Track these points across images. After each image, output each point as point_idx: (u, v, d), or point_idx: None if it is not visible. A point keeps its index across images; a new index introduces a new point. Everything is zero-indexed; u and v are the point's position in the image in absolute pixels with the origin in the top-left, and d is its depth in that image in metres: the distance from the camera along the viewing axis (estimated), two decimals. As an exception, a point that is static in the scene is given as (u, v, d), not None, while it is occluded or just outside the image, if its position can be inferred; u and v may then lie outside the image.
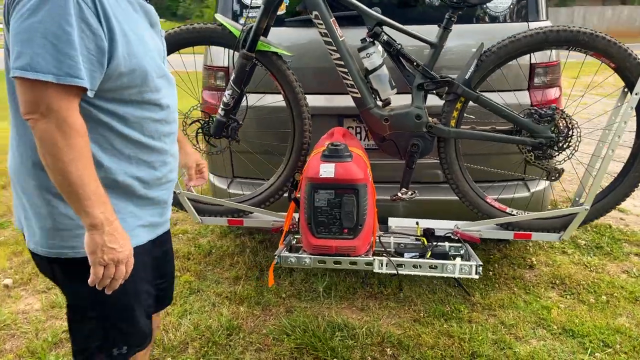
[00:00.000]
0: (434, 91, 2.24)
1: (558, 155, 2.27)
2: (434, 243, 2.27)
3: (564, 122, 2.19)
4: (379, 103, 2.30)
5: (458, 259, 2.07)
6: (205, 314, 2.78)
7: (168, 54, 1.65)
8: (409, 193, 2.28)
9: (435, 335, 2.60)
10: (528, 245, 3.48)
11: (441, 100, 2.27)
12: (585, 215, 2.31)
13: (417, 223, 2.38)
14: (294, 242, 2.39)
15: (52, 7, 1.10)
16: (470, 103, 2.26)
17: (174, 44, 2.27)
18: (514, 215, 2.38)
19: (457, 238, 2.39)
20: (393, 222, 2.46)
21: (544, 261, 3.31)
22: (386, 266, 2.07)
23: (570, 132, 2.20)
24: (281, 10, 2.65)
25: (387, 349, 2.50)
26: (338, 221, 2.05)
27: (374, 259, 2.08)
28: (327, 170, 2.01)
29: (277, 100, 2.47)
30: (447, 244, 2.34)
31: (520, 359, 2.43)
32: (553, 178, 2.33)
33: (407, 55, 2.22)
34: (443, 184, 2.72)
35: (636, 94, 2.12)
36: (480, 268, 2.04)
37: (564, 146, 2.22)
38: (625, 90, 2.24)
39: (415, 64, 2.22)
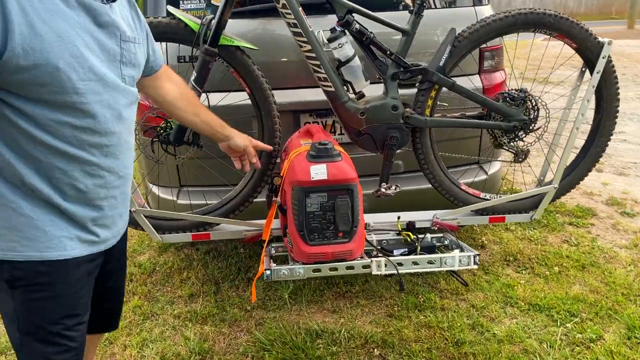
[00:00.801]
0: (409, 80, 2.17)
1: (527, 136, 2.30)
2: (422, 236, 2.21)
3: (534, 104, 2.22)
4: (353, 96, 2.18)
5: (456, 251, 2.02)
6: (168, 340, 2.51)
7: None
8: (393, 187, 2.19)
9: (415, 328, 2.56)
10: (474, 225, 3.57)
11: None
12: (554, 193, 2.37)
13: (399, 217, 2.30)
14: (273, 251, 2.22)
15: None
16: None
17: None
18: (488, 199, 2.39)
19: (436, 228, 2.36)
20: (369, 219, 2.37)
21: (493, 240, 3.41)
22: (385, 267, 1.96)
23: (539, 114, 2.24)
24: (217, 2, 2.44)
25: (374, 350, 2.42)
26: (333, 225, 1.91)
27: (372, 261, 1.97)
28: (319, 171, 1.86)
29: (238, 98, 2.26)
30: (428, 235, 2.29)
31: (501, 340, 2.47)
32: (520, 160, 2.36)
33: (380, 44, 2.12)
34: (401, 174, 2.69)
35: (597, 73, 2.20)
36: (477, 257, 2.01)
37: (535, 127, 2.26)
38: (583, 69, 2.32)
39: (388, 52, 2.12)
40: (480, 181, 2.74)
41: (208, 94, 2.12)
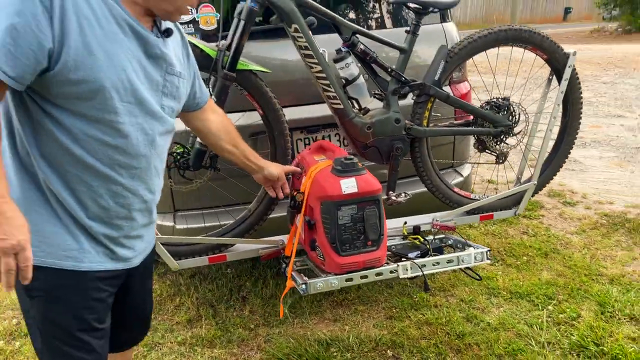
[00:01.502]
0: (409, 94, 2.33)
1: (508, 139, 2.54)
2: (432, 238, 2.37)
3: (516, 109, 2.46)
4: (358, 112, 2.30)
5: (471, 249, 2.20)
6: (182, 368, 2.48)
7: None
8: (403, 195, 2.33)
9: (417, 327, 2.71)
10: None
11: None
12: (533, 189, 2.63)
13: (405, 223, 2.45)
14: (283, 265, 2.27)
15: None
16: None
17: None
18: (478, 199, 2.60)
19: (436, 230, 2.53)
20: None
21: (461, 237, 3.66)
22: (411, 270, 2.10)
23: (520, 119, 2.49)
24: (211, 25, 2.48)
25: (387, 351, 2.54)
26: (363, 235, 2.02)
27: (398, 266, 2.09)
28: (350, 185, 1.96)
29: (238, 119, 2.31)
30: (431, 237, 2.46)
31: (496, 328, 2.68)
32: (501, 161, 2.60)
33: (381, 62, 2.26)
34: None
35: (565, 80, 2.48)
36: (490, 253, 2.20)
37: (517, 131, 2.50)
38: (550, 77, 2.60)
39: (389, 70, 2.27)
40: (458, 183, 2.95)
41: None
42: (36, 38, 1.15)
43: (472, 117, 2.53)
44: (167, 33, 1.40)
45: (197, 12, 2.44)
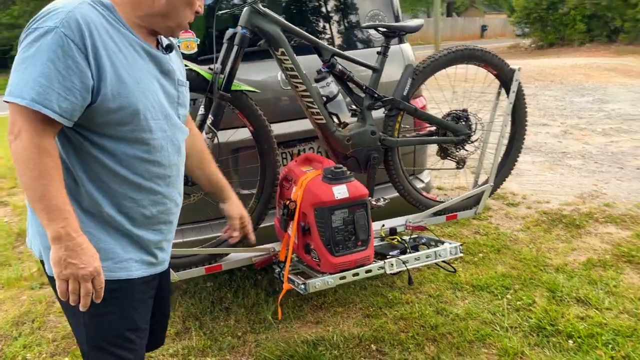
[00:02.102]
0: (381, 108, 2.58)
1: (467, 146, 2.85)
2: (409, 238, 2.62)
3: (473, 120, 2.78)
4: (338, 126, 2.53)
5: (446, 244, 2.46)
6: (179, 378, 2.57)
7: None
8: (381, 200, 2.57)
9: (394, 322, 2.94)
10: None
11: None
12: (490, 190, 2.95)
13: (383, 225, 2.68)
14: (277, 270, 2.44)
15: (43, 44, 1.24)
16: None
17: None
18: (443, 202, 2.88)
19: (410, 230, 2.78)
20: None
21: (421, 240, 3.95)
22: (396, 266, 2.33)
23: (476, 127, 2.80)
24: (192, 49, 2.64)
25: (370, 345, 2.75)
26: (354, 236, 2.23)
27: (385, 262, 2.32)
28: (341, 191, 2.17)
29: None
30: (406, 237, 2.71)
31: (463, 318, 2.95)
32: (460, 166, 2.91)
33: (357, 81, 2.50)
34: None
35: (513, 92, 2.83)
36: (462, 247, 2.47)
37: (474, 139, 2.81)
38: (499, 90, 2.94)
39: (364, 87, 2.52)
40: (421, 188, 3.23)
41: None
42: (79, 78, 1.27)
43: (434, 127, 2.81)
44: (170, 48, 1.55)
45: (178, 38, 2.59)
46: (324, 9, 2.94)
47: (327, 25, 2.93)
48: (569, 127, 7.52)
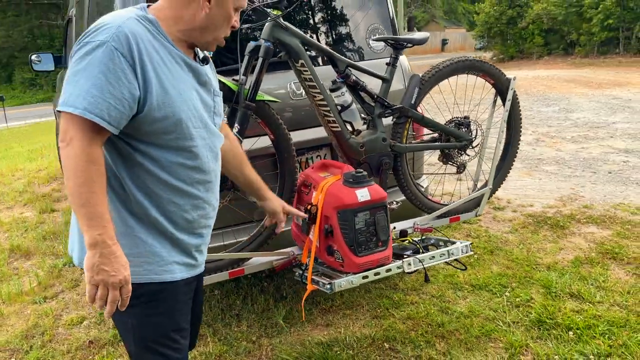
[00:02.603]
0: (390, 116, 2.72)
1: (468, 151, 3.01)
2: (420, 239, 2.74)
3: (474, 126, 2.94)
4: (352, 133, 2.65)
5: (458, 243, 2.59)
6: (202, 382, 2.62)
7: None
8: (394, 203, 2.69)
9: (402, 322, 3.06)
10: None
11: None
12: (489, 192, 3.11)
13: (394, 227, 2.80)
14: (298, 272, 2.52)
15: (95, 57, 1.33)
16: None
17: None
18: (447, 204, 3.03)
19: (418, 232, 2.91)
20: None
21: (417, 244, 4.09)
22: (413, 265, 2.45)
23: (477, 133, 2.97)
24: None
25: (384, 344, 2.86)
26: (375, 237, 2.34)
27: (403, 262, 2.43)
28: (364, 194, 2.28)
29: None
30: (417, 238, 2.83)
31: (467, 315, 3.10)
32: (461, 171, 3.06)
33: (369, 90, 2.63)
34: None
35: (509, 100, 3.01)
36: (471, 245, 2.61)
37: (475, 144, 2.98)
38: (495, 99, 3.12)
39: (375, 96, 2.65)
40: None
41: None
42: (127, 89, 1.35)
43: (436, 134, 2.96)
44: (206, 60, 1.63)
45: (213, 51, 2.66)
46: (330, 23, 3.07)
47: (335, 39, 3.06)
48: (541, 135, 7.86)
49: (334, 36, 3.09)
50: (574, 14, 23.74)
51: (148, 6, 1.51)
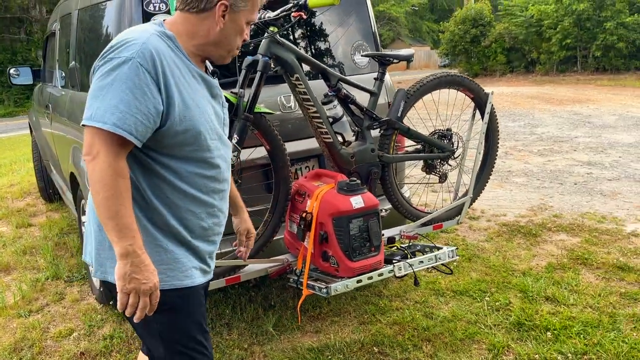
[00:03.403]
0: (378, 128, 2.85)
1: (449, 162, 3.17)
2: (408, 245, 2.87)
3: (455, 138, 3.10)
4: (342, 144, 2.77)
5: (445, 248, 2.72)
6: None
7: None
8: (383, 211, 2.81)
9: (389, 327, 3.17)
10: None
11: None
12: (470, 200, 3.27)
13: (383, 234, 2.92)
14: (292, 279, 2.61)
15: (121, 73, 1.38)
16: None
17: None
18: (431, 212, 3.17)
19: (404, 239, 3.04)
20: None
21: (398, 253, 4.22)
22: (404, 269, 2.56)
23: (459, 145, 3.13)
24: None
25: (373, 348, 2.95)
26: (368, 242, 2.45)
27: (394, 266, 2.55)
28: (358, 201, 2.40)
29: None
30: (404, 245, 2.96)
31: (450, 319, 3.23)
32: (442, 180, 3.22)
33: (358, 103, 2.76)
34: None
35: (487, 113, 3.19)
36: (456, 250, 2.74)
37: (456, 155, 3.14)
38: (474, 112, 3.30)
39: (364, 109, 2.78)
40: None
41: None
42: (152, 104, 1.41)
43: (419, 145, 3.11)
44: (216, 74, 1.71)
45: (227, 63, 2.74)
46: (317, 39, 3.20)
47: (321, 54, 3.19)
48: (509, 149, 8.15)
49: (321, 51, 3.21)
50: (534, 34, 24.68)
51: (164, 21, 1.58)
